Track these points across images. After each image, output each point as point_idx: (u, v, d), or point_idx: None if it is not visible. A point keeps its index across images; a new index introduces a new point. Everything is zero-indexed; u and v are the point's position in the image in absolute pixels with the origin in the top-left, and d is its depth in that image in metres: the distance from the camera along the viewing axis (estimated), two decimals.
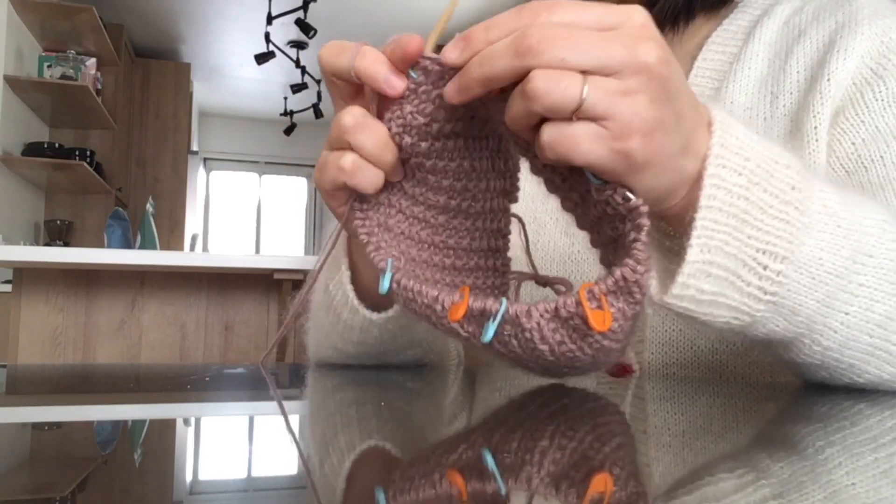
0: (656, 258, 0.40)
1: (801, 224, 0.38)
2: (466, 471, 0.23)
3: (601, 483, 0.22)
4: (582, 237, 0.42)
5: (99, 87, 4.04)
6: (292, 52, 5.26)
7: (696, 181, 0.37)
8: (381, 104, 0.40)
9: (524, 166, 0.41)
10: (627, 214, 0.36)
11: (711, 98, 0.61)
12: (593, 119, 0.33)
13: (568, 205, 0.40)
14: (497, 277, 0.45)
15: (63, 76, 3.66)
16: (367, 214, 0.42)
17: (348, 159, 0.39)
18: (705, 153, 0.37)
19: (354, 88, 0.41)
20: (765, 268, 0.38)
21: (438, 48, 0.39)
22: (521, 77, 0.33)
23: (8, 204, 3.51)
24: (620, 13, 0.34)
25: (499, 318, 0.36)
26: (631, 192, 0.35)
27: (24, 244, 2.95)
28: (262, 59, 4.74)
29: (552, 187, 0.40)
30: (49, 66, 3.67)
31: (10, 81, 3.39)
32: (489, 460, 0.24)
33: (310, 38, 4.70)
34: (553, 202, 0.41)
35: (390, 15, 4.81)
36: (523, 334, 0.36)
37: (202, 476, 0.26)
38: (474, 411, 0.40)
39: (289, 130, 5.95)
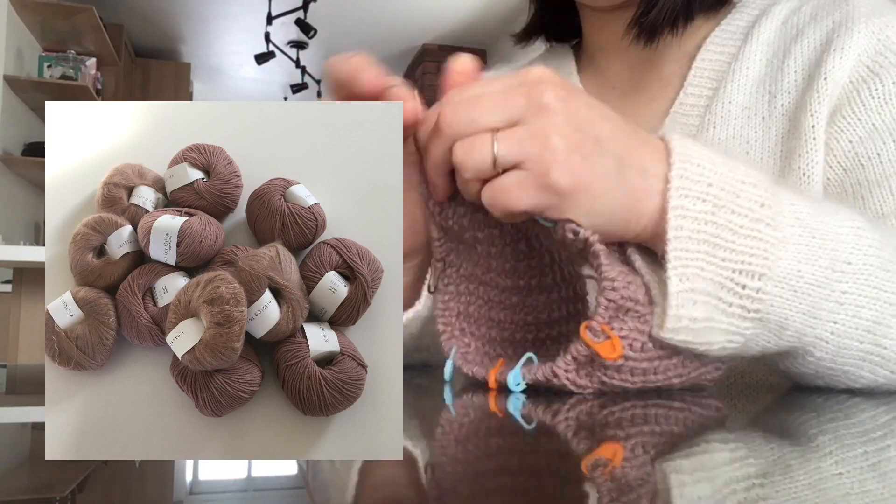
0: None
1: (774, 239, 0.38)
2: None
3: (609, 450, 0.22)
4: None
5: (99, 87, 4.03)
6: (292, 52, 5.26)
7: (662, 213, 0.38)
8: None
9: None
10: (583, 248, 0.38)
11: (670, 129, 0.62)
12: (514, 167, 0.36)
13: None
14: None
15: (63, 76, 3.66)
16: (447, 305, 0.45)
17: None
18: (666, 175, 0.38)
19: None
20: (743, 287, 0.38)
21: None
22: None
23: (8, 204, 3.51)
24: (519, 75, 0.38)
25: (518, 391, 0.39)
26: (578, 226, 0.37)
27: (24, 244, 2.95)
28: (262, 59, 4.74)
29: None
30: (49, 66, 3.67)
31: (10, 81, 3.39)
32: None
33: (310, 38, 4.70)
34: None
35: (390, 14, 4.81)
36: (564, 389, 0.39)
37: (202, 476, 0.26)
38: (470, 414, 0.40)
39: None
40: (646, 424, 0.32)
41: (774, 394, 0.45)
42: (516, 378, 0.39)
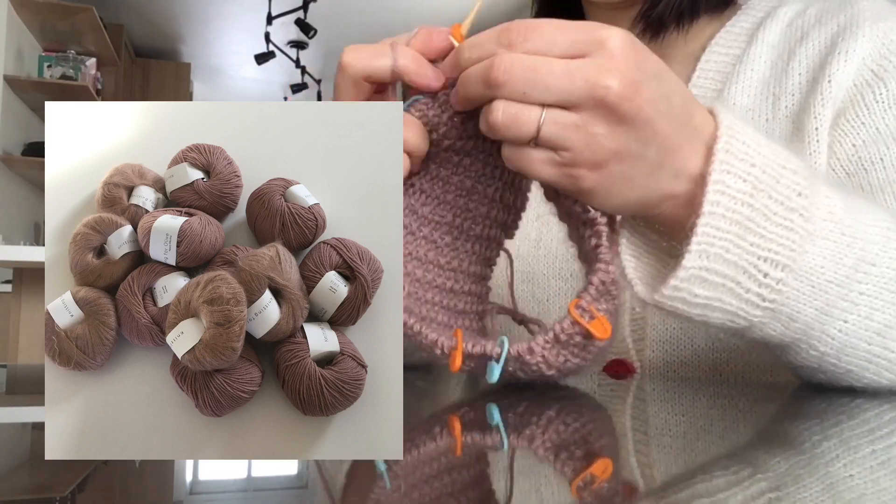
0: (648, 260, 0.41)
1: (804, 231, 0.38)
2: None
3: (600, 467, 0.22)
4: None
5: (99, 87, 4.03)
6: (292, 52, 5.26)
7: (699, 185, 0.37)
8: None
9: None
10: (588, 223, 0.38)
11: (719, 100, 0.61)
12: (548, 147, 0.36)
13: (561, 215, 0.42)
14: (480, 304, 0.47)
15: (63, 76, 3.65)
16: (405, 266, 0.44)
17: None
18: (705, 161, 0.37)
19: (375, 91, 0.42)
20: (765, 275, 0.37)
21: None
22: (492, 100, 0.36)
23: (8, 204, 3.51)
24: (594, 40, 0.35)
25: (502, 360, 0.38)
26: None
27: (24, 244, 2.95)
28: (262, 59, 4.74)
29: (549, 195, 0.42)
30: (49, 66, 3.67)
31: (10, 81, 3.39)
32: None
33: (310, 38, 4.70)
34: None
35: (390, 15, 4.81)
36: (529, 367, 0.39)
37: (202, 476, 0.26)
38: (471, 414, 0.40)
39: None
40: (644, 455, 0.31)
41: (774, 400, 0.45)
42: (499, 371, 0.37)
